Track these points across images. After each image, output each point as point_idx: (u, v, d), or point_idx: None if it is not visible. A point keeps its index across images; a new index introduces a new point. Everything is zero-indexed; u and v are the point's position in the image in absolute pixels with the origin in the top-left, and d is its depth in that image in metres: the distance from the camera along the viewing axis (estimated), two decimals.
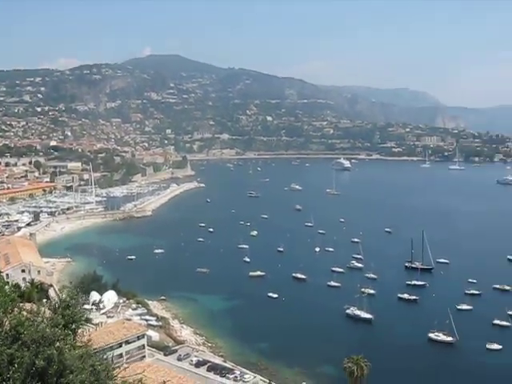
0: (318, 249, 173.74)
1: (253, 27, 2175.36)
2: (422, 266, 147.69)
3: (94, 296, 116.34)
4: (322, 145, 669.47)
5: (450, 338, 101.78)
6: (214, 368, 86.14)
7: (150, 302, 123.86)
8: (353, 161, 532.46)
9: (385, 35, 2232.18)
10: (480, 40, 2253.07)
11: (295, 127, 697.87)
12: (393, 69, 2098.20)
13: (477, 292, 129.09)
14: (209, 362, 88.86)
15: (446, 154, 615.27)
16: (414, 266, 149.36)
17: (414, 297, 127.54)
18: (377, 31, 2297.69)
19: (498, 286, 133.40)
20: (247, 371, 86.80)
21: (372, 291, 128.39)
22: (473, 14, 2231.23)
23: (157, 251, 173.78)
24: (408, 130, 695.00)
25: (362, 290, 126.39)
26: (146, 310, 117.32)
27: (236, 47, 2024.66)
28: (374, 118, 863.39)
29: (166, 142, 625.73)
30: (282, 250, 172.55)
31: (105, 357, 18.80)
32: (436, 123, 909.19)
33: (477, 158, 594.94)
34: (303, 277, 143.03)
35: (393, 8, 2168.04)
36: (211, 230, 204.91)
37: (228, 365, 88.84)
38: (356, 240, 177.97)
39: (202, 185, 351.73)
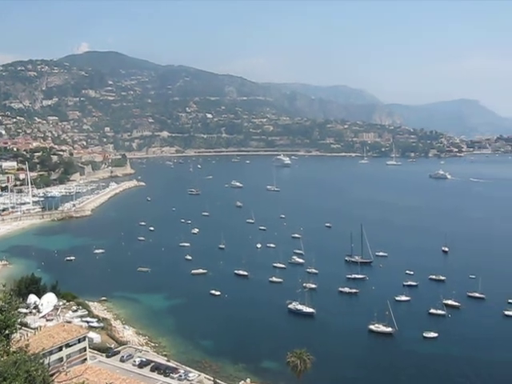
0: (259, 245, 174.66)
1: (191, 23, 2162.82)
2: (362, 260, 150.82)
3: (32, 299, 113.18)
4: (262, 141, 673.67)
5: (389, 329, 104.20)
6: (157, 368, 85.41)
7: (90, 304, 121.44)
8: (292, 157, 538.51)
9: (323, 33, 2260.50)
10: (411, 43, 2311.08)
11: (235, 124, 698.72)
12: (331, 66, 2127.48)
13: (414, 283, 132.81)
14: (152, 361, 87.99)
15: (383, 149, 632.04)
16: (353, 259, 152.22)
17: (354, 290, 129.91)
18: (315, 30, 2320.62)
19: (433, 277, 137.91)
20: (191, 370, 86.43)
21: (313, 286, 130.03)
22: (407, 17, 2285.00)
23: (97, 251, 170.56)
24: (346, 126, 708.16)
25: (304, 284, 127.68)
26: (86, 312, 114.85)
27: (175, 44, 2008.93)
28: (313, 114, 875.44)
29: (104, 140, 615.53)
30: (223, 247, 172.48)
31: (42, 361, 18.34)
32: (373, 120, 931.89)
33: (412, 154, 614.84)
34: (245, 273, 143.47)
35: (329, 8, 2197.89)
36: (152, 228, 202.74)
37: (172, 364, 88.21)
38: (297, 235, 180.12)
39: (142, 183, 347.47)
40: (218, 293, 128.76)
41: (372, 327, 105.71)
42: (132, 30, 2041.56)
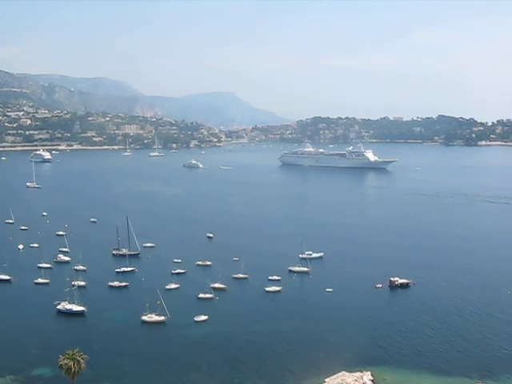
0: (21, 246, 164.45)
1: None
2: (130, 252, 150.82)
3: None
4: (19, 136, 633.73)
5: (161, 318, 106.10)
6: None
7: None
8: (53, 152, 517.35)
9: (82, 23, 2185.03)
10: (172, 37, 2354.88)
11: None
12: (91, 58, 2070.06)
13: (182, 271, 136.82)
14: None
15: (145, 141, 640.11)
16: (121, 253, 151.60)
17: (124, 283, 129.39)
18: (72, 18, 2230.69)
19: (200, 263, 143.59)
20: None
21: (82, 283, 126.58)
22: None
23: None
24: (108, 118, 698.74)
25: (72, 283, 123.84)
26: None
27: None
28: (73, 107, 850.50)
29: None
30: None
31: None
32: (135, 112, 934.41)
33: (174, 145, 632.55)
34: (7, 277, 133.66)
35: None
36: None
37: None
38: (61, 233, 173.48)
39: None
40: None
41: (145, 318, 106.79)
42: None
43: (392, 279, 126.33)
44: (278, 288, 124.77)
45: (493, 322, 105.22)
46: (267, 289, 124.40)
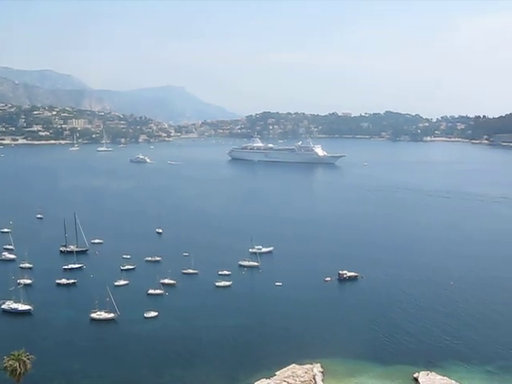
0: None
1: None
2: (77, 249, 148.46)
3: None
4: None
5: (111, 315, 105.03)
6: None
7: None
8: None
9: (25, 14, 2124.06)
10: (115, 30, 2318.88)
11: None
12: (36, 49, 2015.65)
13: (131, 267, 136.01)
14: None
15: (93, 136, 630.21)
16: (68, 249, 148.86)
17: (72, 280, 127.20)
18: (18, 11, 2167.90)
19: (149, 258, 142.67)
20: None
21: (29, 281, 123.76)
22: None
23: None
24: (55, 112, 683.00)
25: (18, 281, 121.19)
26: None
27: None
28: (17, 100, 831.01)
29: None
30: None
31: None
32: (83, 106, 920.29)
33: (123, 139, 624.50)
34: None
35: None
36: None
37: None
38: (5, 230, 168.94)
39: None
40: None
41: (94, 315, 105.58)
42: None
43: (340, 272, 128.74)
44: (227, 283, 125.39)
45: (434, 314, 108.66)
46: (217, 284, 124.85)
